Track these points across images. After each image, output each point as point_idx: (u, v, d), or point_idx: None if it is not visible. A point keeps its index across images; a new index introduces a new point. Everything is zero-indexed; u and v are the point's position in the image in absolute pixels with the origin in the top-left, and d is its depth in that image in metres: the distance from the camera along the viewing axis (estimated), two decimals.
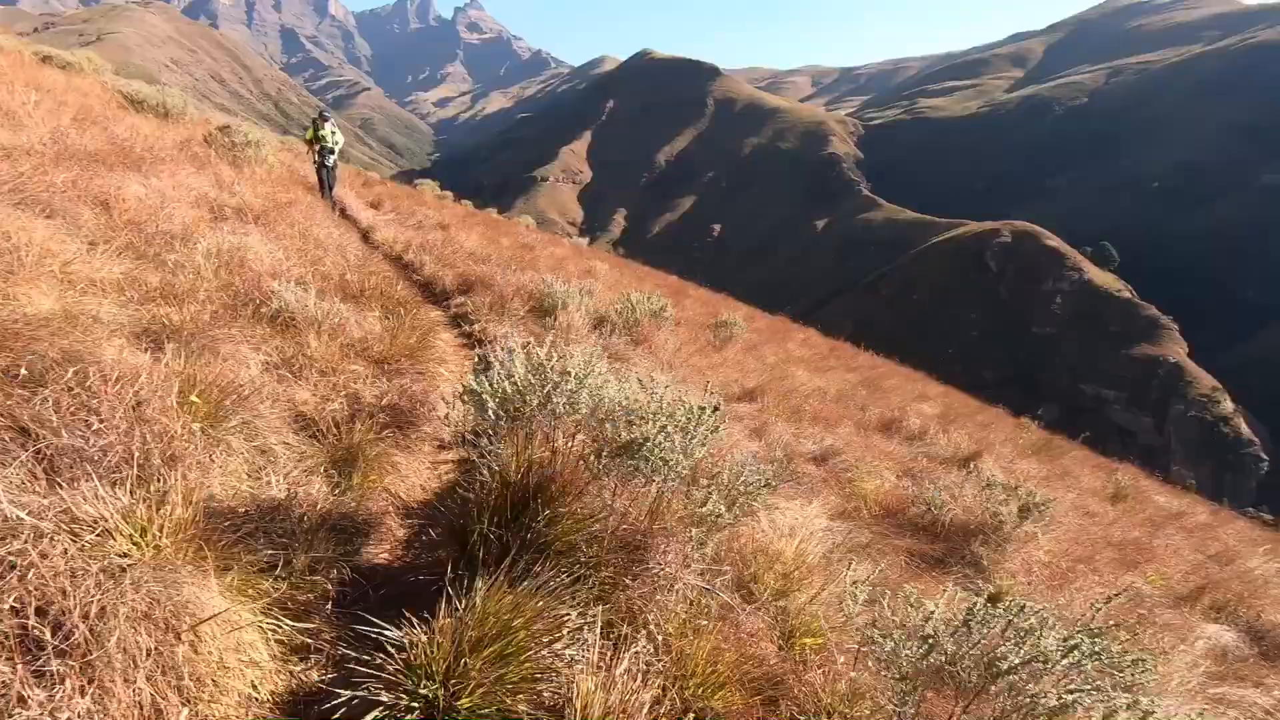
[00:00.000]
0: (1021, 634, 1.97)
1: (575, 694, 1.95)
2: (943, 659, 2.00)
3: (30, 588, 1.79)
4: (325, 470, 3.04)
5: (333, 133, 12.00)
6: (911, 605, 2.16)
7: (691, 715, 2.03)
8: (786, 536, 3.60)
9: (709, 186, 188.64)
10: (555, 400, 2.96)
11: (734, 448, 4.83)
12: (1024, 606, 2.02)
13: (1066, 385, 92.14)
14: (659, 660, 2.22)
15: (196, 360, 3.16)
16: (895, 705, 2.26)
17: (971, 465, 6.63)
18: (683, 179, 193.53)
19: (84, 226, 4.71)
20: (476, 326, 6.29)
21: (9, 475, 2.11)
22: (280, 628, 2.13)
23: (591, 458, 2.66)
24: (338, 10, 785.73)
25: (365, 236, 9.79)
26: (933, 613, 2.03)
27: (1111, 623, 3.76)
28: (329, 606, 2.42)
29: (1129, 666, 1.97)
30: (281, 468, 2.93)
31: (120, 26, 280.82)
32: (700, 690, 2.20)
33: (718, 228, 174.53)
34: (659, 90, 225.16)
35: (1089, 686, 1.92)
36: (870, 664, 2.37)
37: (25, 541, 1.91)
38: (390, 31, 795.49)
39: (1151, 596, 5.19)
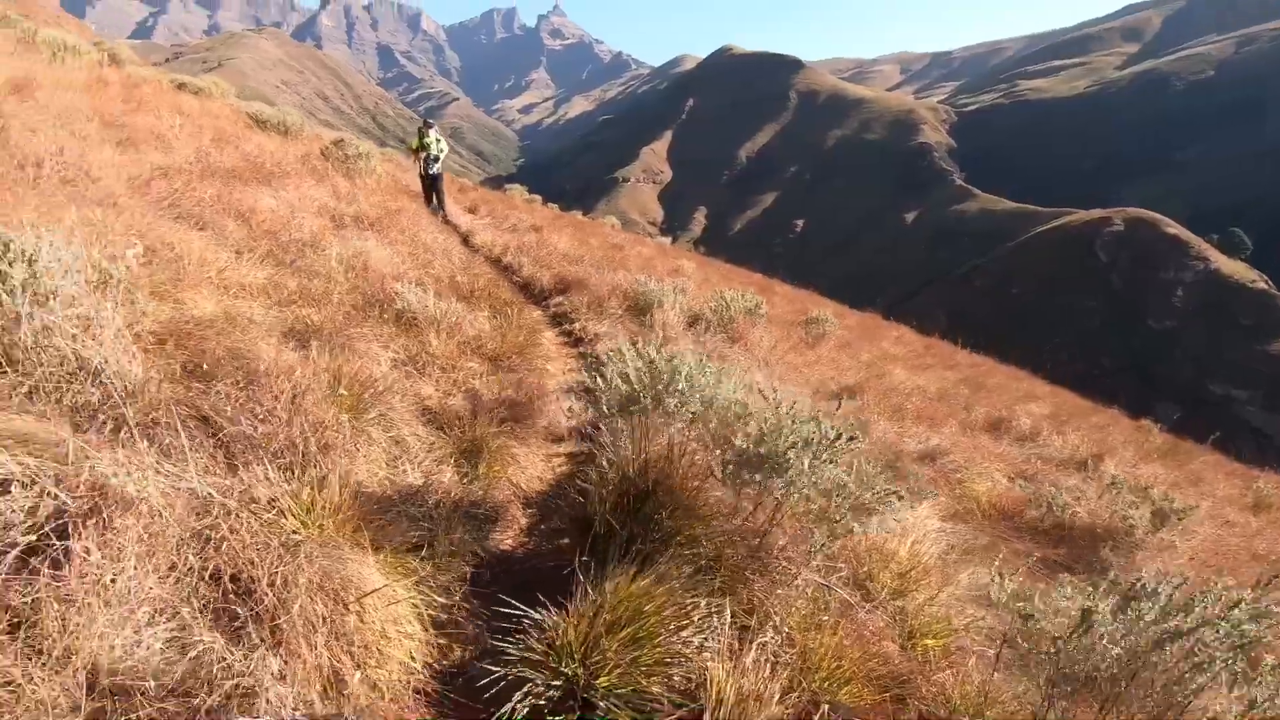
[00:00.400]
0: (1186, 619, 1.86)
1: (708, 680, 2.00)
2: (1101, 657, 1.91)
3: (225, 558, 2.02)
4: (454, 460, 3.22)
5: (437, 140, 12.18)
6: (1066, 598, 2.08)
7: (821, 708, 2.04)
8: (899, 536, 3.53)
9: (791, 181, 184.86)
10: (668, 400, 3.02)
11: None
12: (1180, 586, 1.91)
13: (1189, 382, 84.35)
14: (785, 653, 2.24)
15: (338, 357, 3.42)
16: (1037, 708, 2.19)
17: (1090, 468, 6.23)
18: (764, 175, 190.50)
19: (229, 236, 5.18)
20: (576, 325, 6.47)
21: (197, 459, 2.37)
22: (431, 603, 2.29)
23: (715, 466, 2.70)
24: (429, 25, 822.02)
25: (465, 240, 10.24)
26: (1092, 607, 1.94)
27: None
28: (464, 586, 2.58)
29: None
30: (415, 457, 3.13)
31: (237, 53, 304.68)
32: (827, 684, 2.21)
33: (800, 223, 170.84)
34: (740, 86, 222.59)
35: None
36: (1004, 666, 2.30)
37: (216, 517, 2.15)
38: (478, 42, 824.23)
39: None
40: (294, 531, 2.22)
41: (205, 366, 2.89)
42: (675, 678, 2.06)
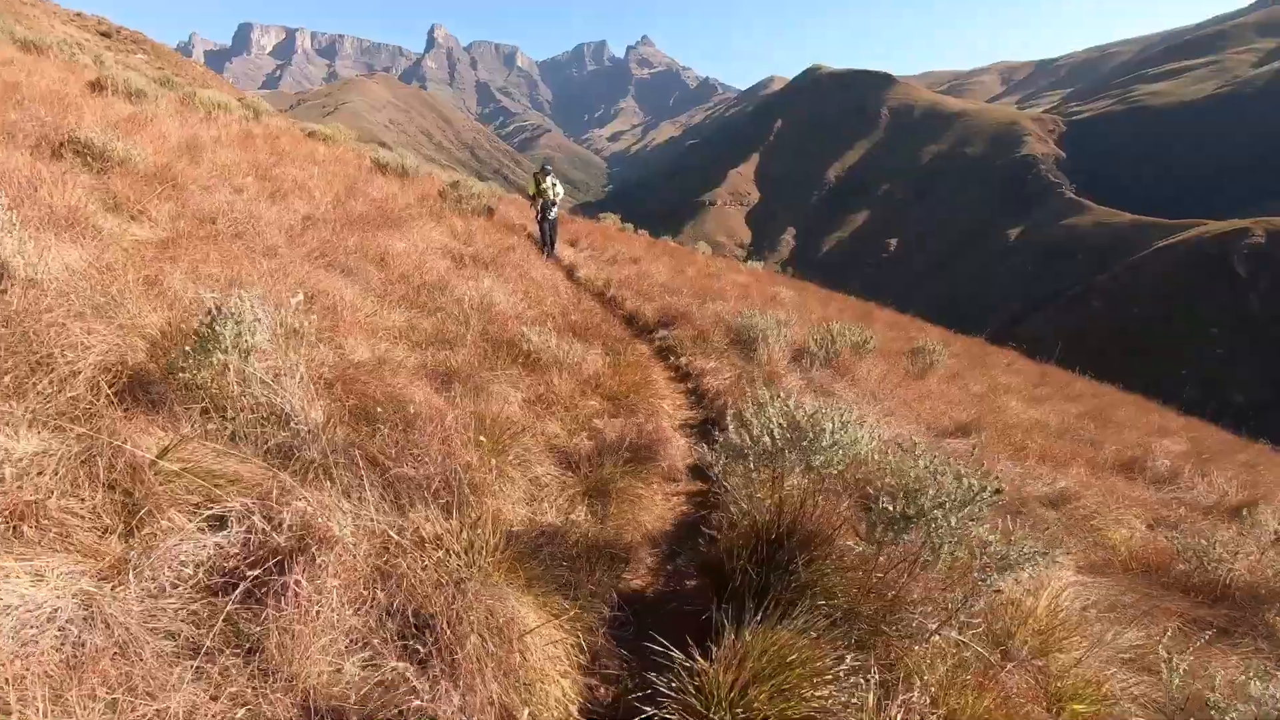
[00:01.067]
0: None
1: None
2: None
3: (405, 594, 2.24)
4: (585, 499, 3.39)
5: (553, 185, 12.09)
6: (1259, 685, 1.96)
7: None
8: (1033, 591, 3.40)
9: (884, 200, 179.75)
10: (813, 458, 3.03)
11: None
12: None
13: None
14: (931, 714, 2.23)
15: (478, 399, 3.69)
16: None
17: (1244, 516, 5.71)
18: (855, 194, 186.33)
19: (371, 281, 5.67)
20: (683, 359, 6.60)
21: (372, 498, 2.64)
22: (578, 643, 2.44)
23: (852, 520, 2.72)
24: (524, 61, 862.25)
25: (570, 273, 10.65)
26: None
27: None
28: (605, 627, 2.71)
29: None
30: (551, 496, 3.32)
31: (351, 96, 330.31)
32: None
33: (894, 242, 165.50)
34: (828, 105, 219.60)
35: None
36: None
37: (395, 555, 2.39)
38: (569, 76, 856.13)
39: None
40: (460, 569, 2.42)
41: (370, 410, 3.20)
42: None
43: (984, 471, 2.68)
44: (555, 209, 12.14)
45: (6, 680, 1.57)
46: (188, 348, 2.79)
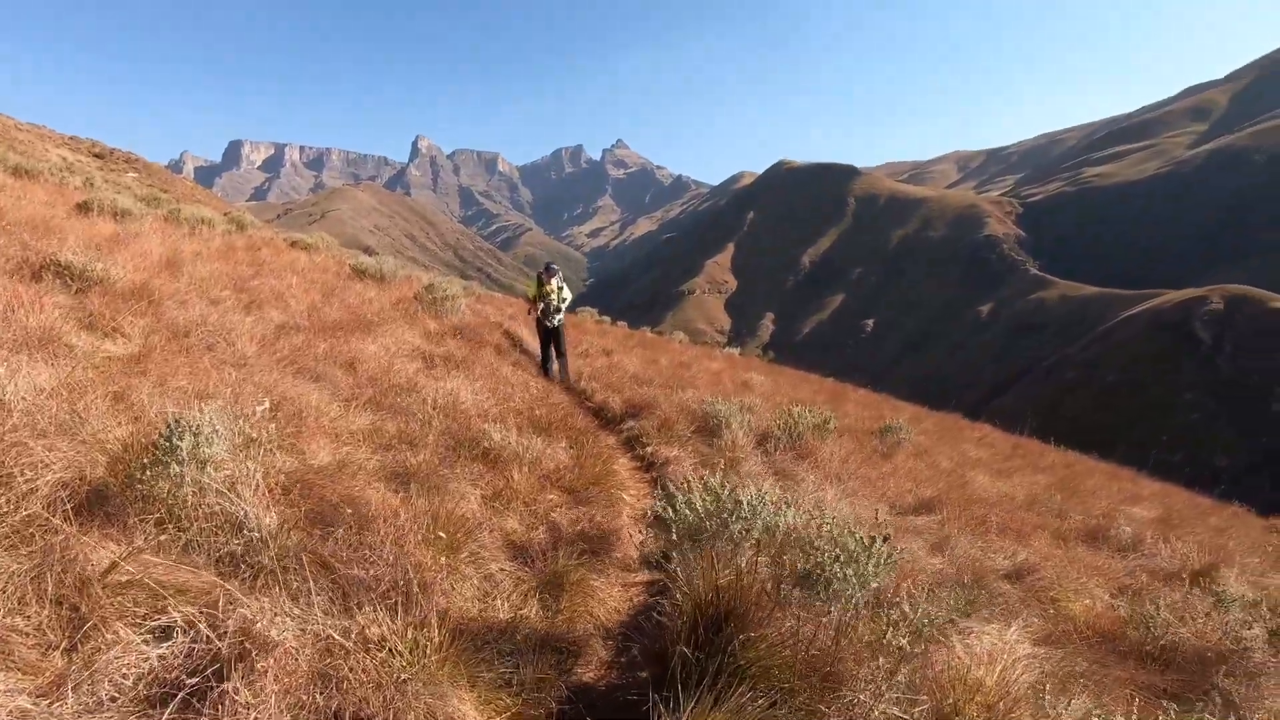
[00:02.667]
0: None
1: None
2: None
3: (345, 696, 2.28)
4: (538, 593, 3.45)
5: (559, 288, 10.76)
6: None
7: None
8: (986, 664, 3.45)
9: (857, 283, 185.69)
10: (733, 526, 3.20)
11: (915, 567, 4.70)
12: None
13: None
14: None
15: (434, 498, 3.79)
16: None
17: (1205, 580, 5.78)
18: (829, 278, 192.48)
19: (339, 385, 5.83)
20: (648, 449, 6.73)
21: (320, 602, 2.70)
22: None
23: (770, 585, 2.83)
24: (505, 166, 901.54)
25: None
26: None
27: None
28: None
29: None
30: (503, 591, 3.38)
31: (338, 204, 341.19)
32: None
33: (870, 323, 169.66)
34: (797, 196, 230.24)
35: None
36: None
37: (337, 657, 2.44)
38: (548, 178, 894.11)
39: None
40: (402, 669, 2.47)
41: (326, 513, 3.29)
42: None
43: (878, 524, 2.81)
44: (561, 315, 10.73)
45: None
46: (145, 460, 2.91)
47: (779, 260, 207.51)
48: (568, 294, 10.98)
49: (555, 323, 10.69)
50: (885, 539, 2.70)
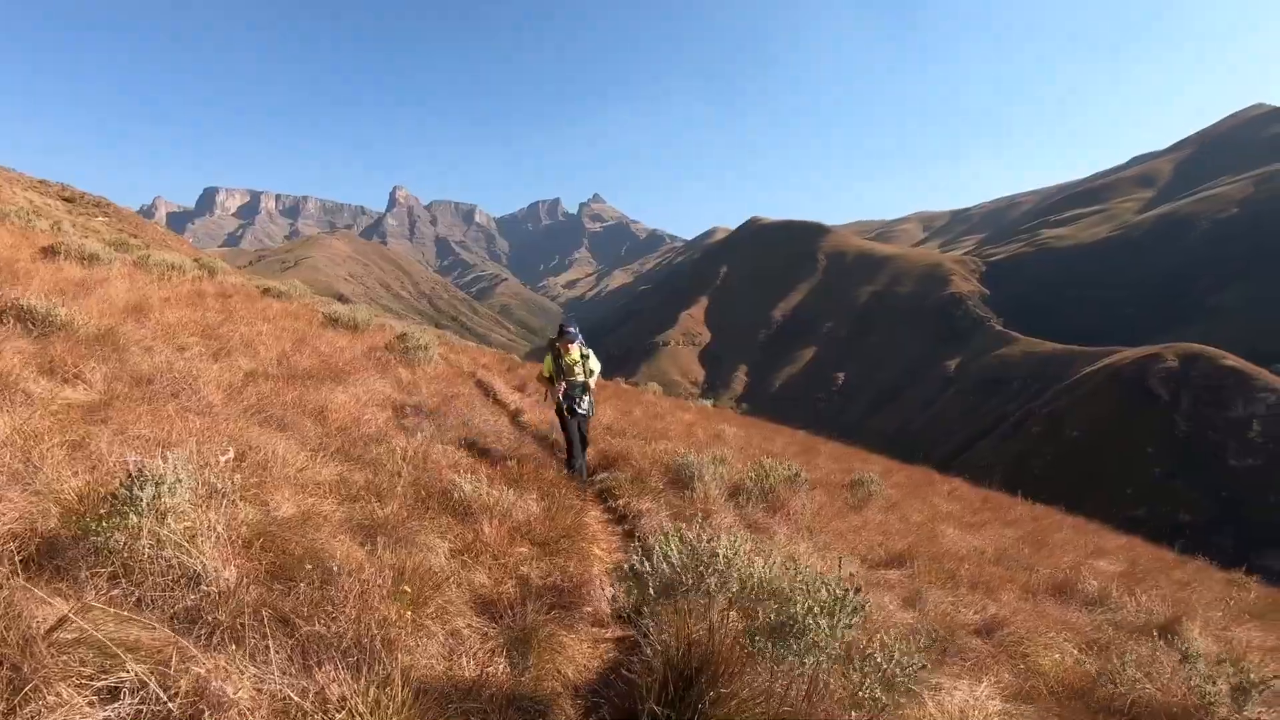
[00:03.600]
0: None
1: None
2: None
3: None
4: (506, 650, 3.36)
5: (584, 357, 8.00)
6: None
7: None
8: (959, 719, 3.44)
9: (828, 337, 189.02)
10: (708, 579, 3.19)
11: (886, 621, 4.69)
12: None
13: None
14: None
15: (400, 551, 3.71)
16: None
17: (1169, 634, 5.85)
18: (801, 332, 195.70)
19: (307, 434, 5.74)
20: (620, 501, 6.68)
21: (278, 659, 2.61)
22: None
23: (744, 639, 2.81)
24: (482, 218, 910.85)
25: (514, 418, 10.81)
26: None
27: None
28: None
29: None
30: (469, 648, 3.29)
31: (312, 252, 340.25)
32: None
33: (841, 376, 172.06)
34: (769, 252, 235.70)
35: None
36: None
37: (296, 717, 2.35)
38: (525, 230, 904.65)
39: None
40: None
41: (288, 567, 3.21)
42: None
43: (850, 577, 2.83)
44: (589, 400, 7.96)
45: None
46: (102, 511, 2.82)
47: (751, 314, 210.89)
48: (595, 364, 8.11)
49: (585, 407, 7.83)
50: (857, 590, 2.71)
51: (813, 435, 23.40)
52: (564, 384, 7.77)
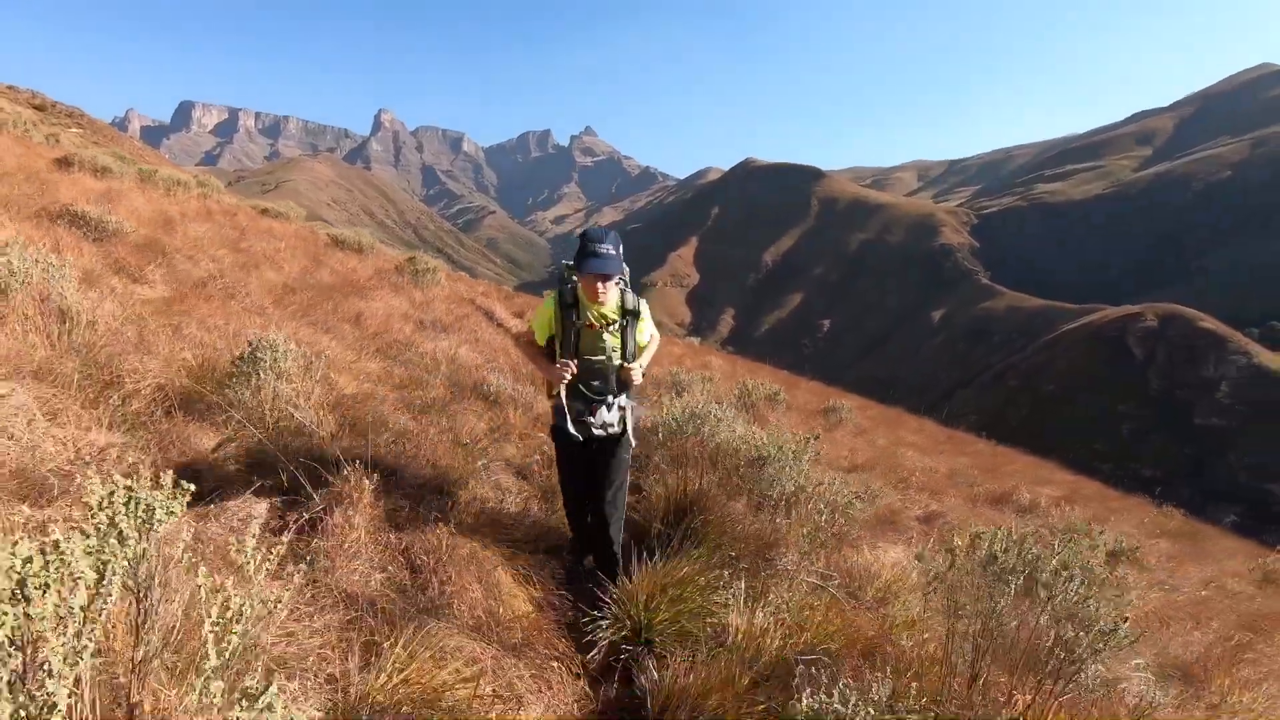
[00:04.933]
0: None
1: (730, 625, 2.94)
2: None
3: (411, 538, 3.07)
4: (539, 498, 4.26)
5: (632, 314, 3.36)
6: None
7: (811, 651, 2.95)
8: (888, 567, 4.42)
9: (817, 283, 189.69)
10: (703, 429, 4.07)
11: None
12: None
13: (1250, 485, 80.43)
14: (785, 616, 3.17)
15: (450, 422, 4.56)
16: (964, 664, 3.05)
17: (1083, 531, 6.92)
18: (790, 276, 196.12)
19: (347, 338, 6.51)
20: None
21: (370, 486, 3.46)
22: (532, 595, 3.28)
23: (729, 478, 3.72)
24: (469, 147, 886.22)
25: (518, 340, 11.61)
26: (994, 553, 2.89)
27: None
28: (554, 584, 3.56)
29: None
30: (510, 494, 4.18)
31: (293, 175, 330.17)
32: (814, 639, 3.11)
33: (827, 323, 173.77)
34: (762, 195, 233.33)
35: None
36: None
37: (400, 516, 3.22)
38: (514, 161, 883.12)
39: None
40: (447, 533, 3.27)
41: (363, 427, 4.05)
42: (708, 624, 3.00)
43: (809, 435, 3.73)
44: (629, 406, 3.55)
45: None
46: (234, 370, 3.62)
47: (741, 257, 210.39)
48: (649, 330, 3.53)
49: (611, 422, 3.42)
50: (815, 438, 3.61)
51: (795, 375, 24.46)
52: (569, 366, 3.24)
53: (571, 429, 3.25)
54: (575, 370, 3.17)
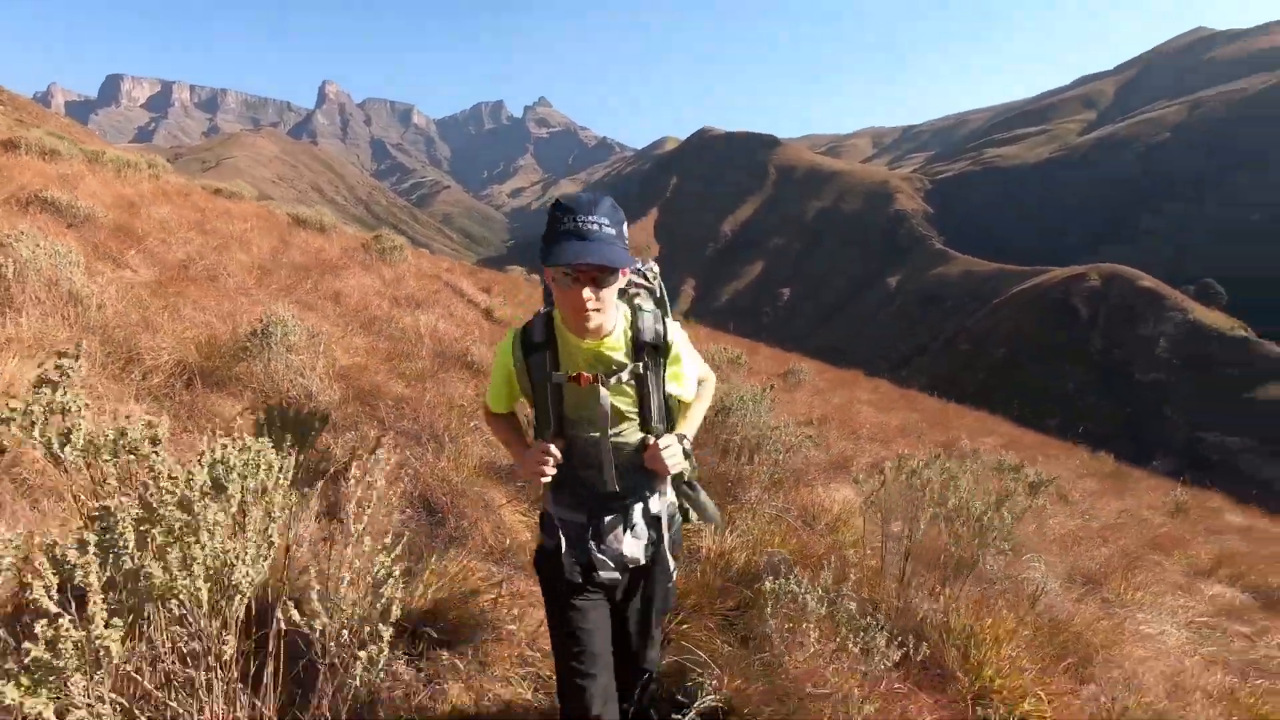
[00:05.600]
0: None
1: (703, 546, 3.47)
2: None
3: (425, 485, 3.50)
4: None
5: (663, 347, 1.89)
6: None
7: (769, 558, 3.50)
8: (839, 503, 5.03)
9: (776, 252, 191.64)
10: None
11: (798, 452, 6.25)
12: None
13: (1186, 436, 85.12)
14: (749, 539, 3.71)
15: (440, 388, 4.96)
16: (897, 569, 3.65)
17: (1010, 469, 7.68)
18: (749, 246, 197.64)
19: (329, 315, 6.79)
20: None
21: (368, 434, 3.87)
22: (530, 521, 3.76)
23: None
24: (420, 120, 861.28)
25: (488, 314, 11.91)
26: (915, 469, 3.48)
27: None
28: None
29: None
30: (500, 452, 4.63)
31: (234, 151, 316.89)
32: (771, 548, 3.67)
33: (786, 291, 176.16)
34: (720, 164, 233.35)
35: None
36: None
37: (412, 466, 3.65)
38: (467, 134, 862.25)
39: (1171, 570, 6.14)
40: (457, 474, 3.71)
41: (364, 394, 4.44)
42: (685, 550, 3.52)
43: (766, 385, 4.27)
44: (671, 515, 2.14)
45: None
46: (248, 341, 3.96)
47: (700, 226, 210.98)
48: (692, 375, 2.07)
49: (636, 555, 2.01)
50: (771, 388, 4.14)
51: (755, 342, 25.20)
52: (551, 453, 1.85)
53: (566, 566, 1.93)
54: (559, 458, 1.86)
